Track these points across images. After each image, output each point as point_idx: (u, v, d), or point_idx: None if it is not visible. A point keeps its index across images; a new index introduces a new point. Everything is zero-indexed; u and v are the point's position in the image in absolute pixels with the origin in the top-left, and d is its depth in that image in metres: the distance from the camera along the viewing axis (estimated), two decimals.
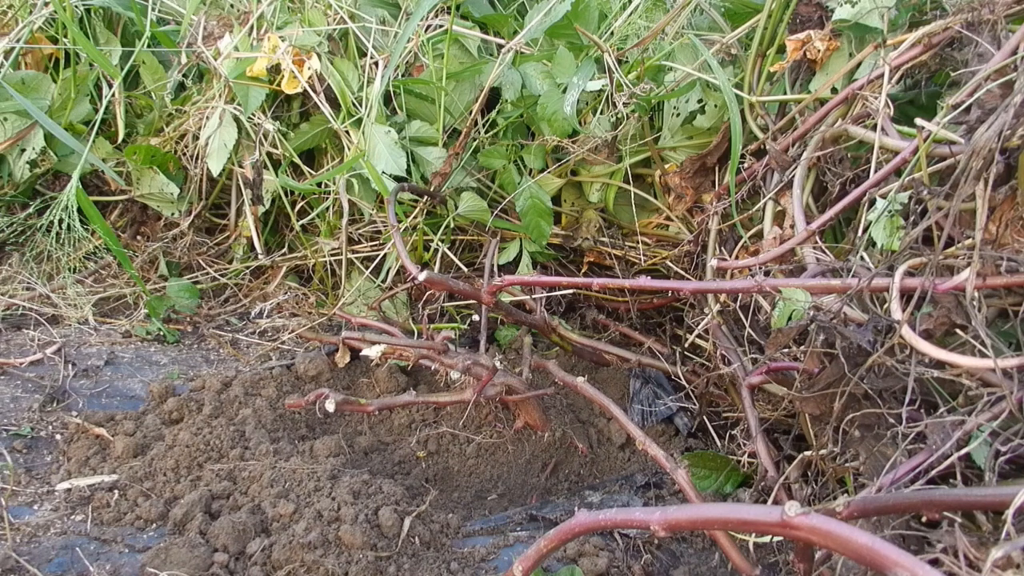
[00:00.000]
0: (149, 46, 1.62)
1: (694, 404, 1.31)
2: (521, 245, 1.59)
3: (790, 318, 0.94)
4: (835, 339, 0.84)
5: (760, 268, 1.05)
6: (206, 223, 1.75)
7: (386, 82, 1.50)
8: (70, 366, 1.29)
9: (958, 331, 0.79)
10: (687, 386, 1.28)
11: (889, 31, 1.15)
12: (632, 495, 1.14)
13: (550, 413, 1.32)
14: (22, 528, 0.94)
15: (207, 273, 1.67)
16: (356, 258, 1.58)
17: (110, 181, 1.65)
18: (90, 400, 1.23)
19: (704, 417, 1.28)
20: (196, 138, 1.61)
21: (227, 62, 1.52)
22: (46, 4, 1.64)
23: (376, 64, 1.53)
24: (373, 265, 1.55)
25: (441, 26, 1.54)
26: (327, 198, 1.57)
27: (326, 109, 1.50)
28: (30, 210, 1.67)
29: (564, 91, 1.44)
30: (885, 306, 0.82)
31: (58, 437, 1.13)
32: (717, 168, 1.42)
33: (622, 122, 1.45)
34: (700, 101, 1.43)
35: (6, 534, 0.92)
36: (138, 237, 1.73)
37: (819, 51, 1.22)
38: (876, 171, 1.02)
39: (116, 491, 1.03)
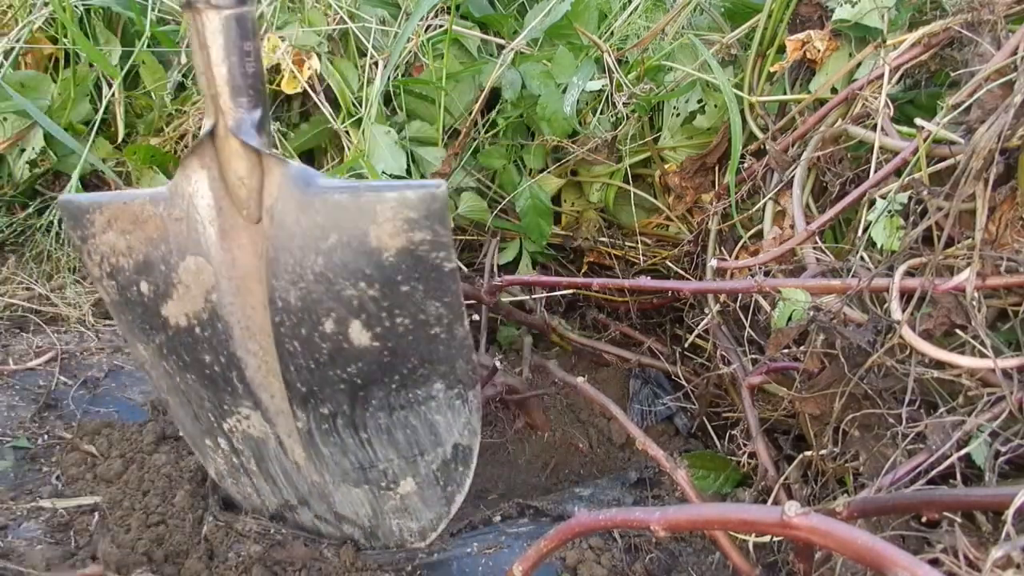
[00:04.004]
0: (149, 46, 1.62)
1: (694, 404, 1.31)
2: (521, 245, 1.59)
3: (790, 318, 0.94)
4: (835, 339, 0.84)
5: (760, 268, 1.04)
6: None
7: (386, 82, 1.50)
8: (68, 374, 1.28)
9: (958, 331, 0.79)
10: (687, 386, 1.28)
11: (889, 31, 1.15)
12: (624, 492, 1.14)
13: (550, 413, 1.32)
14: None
15: None
16: None
17: (110, 181, 1.65)
18: (88, 409, 1.20)
19: (704, 417, 1.28)
20: (196, 137, 1.61)
21: None
22: (46, 4, 1.64)
23: (376, 64, 1.53)
24: None
25: (441, 26, 1.54)
26: None
27: (326, 109, 1.50)
28: (30, 210, 1.67)
29: (564, 91, 1.44)
30: (885, 306, 0.82)
31: (56, 449, 1.11)
32: (717, 168, 1.42)
33: (622, 122, 1.45)
34: (700, 101, 1.43)
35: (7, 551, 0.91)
36: None
37: (819, 51, 1.22)
38: (876, 171, 1.02)
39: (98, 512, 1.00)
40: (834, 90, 1.21)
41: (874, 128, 1.06)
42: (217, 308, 0.81)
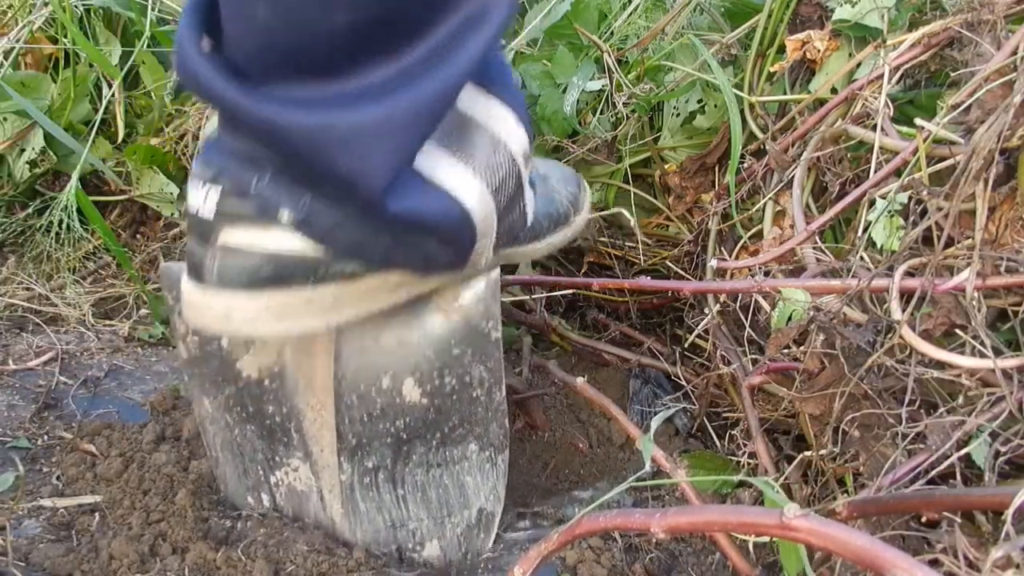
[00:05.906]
0: (149, 46, 1.62)
1: (694, 404, 1.31)
2: None
3: (790, 318, 0.94)
4: (835, 339, 0.84)
5: (760, 268, 1.04)
6: None
7: None
8: (68, 374, 1.28)
9: (958, 331, 0.79)
10: (687, 386, 1.28)
11: (889, 31, 1.15)
12: (623, 491, 1.13)
13: (550, 413, 1.32)
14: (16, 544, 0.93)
15: None
16: None
17: (110, 181, 1.65)
18: (88, 410, 1.20)
19: (704, 417, 1.28)
20: (196, 138, 1.61)
21: None
22: (46, 4, 1.64)
23: None
24: None
25: None
26: None
27: None
28: (29, 210, 1.67)
29: (564, 91, 1.44)
30: (885, 306, 0.82)
31: (56, 449, 1.11)
32: (717, 168, 1.42)
33: (622, 122, 1.45)
34: (700, 101, 1.43)
35: (6, 549, 0.91)
36: (137, 237, 1.73)
37: (819, 51, 1.22)
38: (876, 171, 1.02)
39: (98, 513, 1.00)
40: (834, 90, 1.21)
41: (874, 128, 1.06)
42: (288, 362, 0.88)
